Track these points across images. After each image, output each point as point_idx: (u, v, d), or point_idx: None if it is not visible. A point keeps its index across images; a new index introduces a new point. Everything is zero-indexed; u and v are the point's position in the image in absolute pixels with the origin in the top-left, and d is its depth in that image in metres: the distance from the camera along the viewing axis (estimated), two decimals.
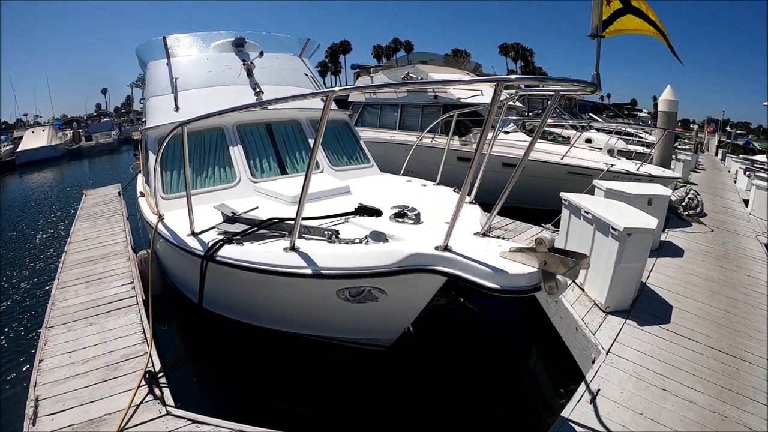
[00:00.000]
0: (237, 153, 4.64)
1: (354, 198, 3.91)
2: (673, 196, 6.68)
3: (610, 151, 8.63)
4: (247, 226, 3.05)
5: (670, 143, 9.13)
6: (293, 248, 2.63)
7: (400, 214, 3.10)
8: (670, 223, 6.58)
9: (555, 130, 11.46)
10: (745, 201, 9.27)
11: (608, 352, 3.39)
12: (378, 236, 2.64)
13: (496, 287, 2.00)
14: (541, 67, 75.69)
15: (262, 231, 3.00)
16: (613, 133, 10.76)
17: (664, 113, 8.52)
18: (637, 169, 7.07)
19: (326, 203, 3.68)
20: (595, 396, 2.91)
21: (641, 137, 13.40)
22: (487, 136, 2.06)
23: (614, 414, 2.76)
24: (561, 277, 1.89)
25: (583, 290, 4.29)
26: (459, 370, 3.87)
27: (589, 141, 11.24)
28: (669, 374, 3.16)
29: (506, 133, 8.73)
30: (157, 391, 2.81)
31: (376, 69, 13.15)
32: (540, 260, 1.93)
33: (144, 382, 2.86)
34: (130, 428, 2.56)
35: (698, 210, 7.31)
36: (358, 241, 2.66)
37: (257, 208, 3.60)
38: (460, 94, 9.41)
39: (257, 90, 5.15)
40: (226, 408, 3.32)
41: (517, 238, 6.07)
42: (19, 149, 25.14)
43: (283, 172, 4.80)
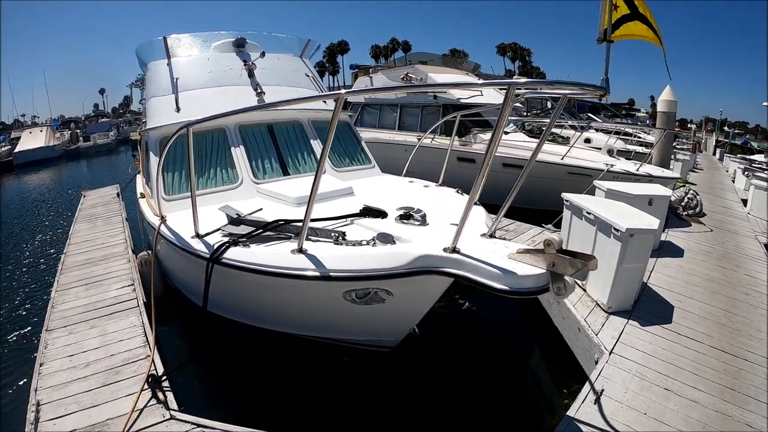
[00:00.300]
0: (239, 154, 4.62)
1: (357, 199, 3.90)
2: (672, 196, 6.69)
3: (610, 152, 8.65)
4: (252, 228, 3.03)
5: (669, 143, 9.15)
6: (301, 250, 2.62)
7: (405, 216, 3.10)
8: (670, 223, 6.60)
9: (554, 130, 11.46)
10: (744, 201, 9.31)
11: (611, 352, 3.40)
12: (385, 238, 2.64)
13: (505, 288, 2.01)
14: (538, 66, 75.86)
15: (267, 233, 2.99)
16: (612, 133, 10.78)
17: (663, 113, 8.53)
18: (637, 170, 7.08)
19: (330, 204, 3.67)
20: (599, 396, 2.91)
21: (640, 137, 13.42)
22: (498, 138, 2.06)
23: (618, 414, 2.77)
24: (569, 278, 1.90)
25: (585, 291, 4.29)
26: (461, 370, 3.87)
27: (588, 141, 11.25)
28: (672, 374, 3.17)
29: (506, 133, 8.72)
30: (161, 395, 2.80)
31: (375, 69, 13.15)
32: (548, 261, 1.93)
33: (147, 386, 2.84)
34: None
35: (697, 210, 7.34)
36: (365, 242, 2.65)
37: (261, 209, 3.58)
38: (460, 95, 9.41)
39: (258, 91, 5.13)
40: (229, 411, 3.32)
41: (518, 238, 6.08)
42: (16, 150, 25.05)
43: (285, 173, 4.79)
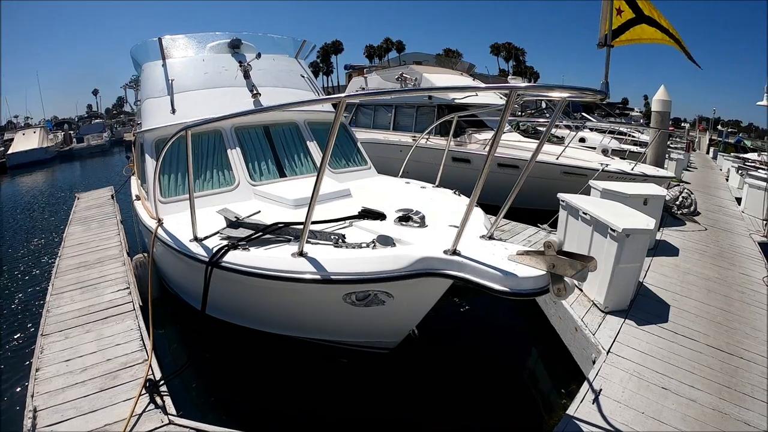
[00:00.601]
0: (235, 156, 4.60)
1: (355, 201, 3.89)
2: (667, 196, 6.73)
3: (605, 151, 8.68)
4: (251, 231, 3.01)
5: (663, 143, 9.21)
6: (301, 253, 2.61)
7: (404, 218, 3.10)
8: (665, 222, 6.64)
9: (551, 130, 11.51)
10: (738, 199, 9.37)
11: (608, 351, 3.42)
12: (385, 240, 2.64)
13: (505, 290, 2.03)
14: (532, 66, 76.23)
15: (266, 236, 2.98)
16: (607, 132, 10.84)
17: (657, 113, 8.58)
18: (632, 169, 7.12)
19: (327, 206, 3.66)
20: (597, 396, 2.93)
21: (634, 136, 13.51)
22: (499, 141, 2.07)
23: (617, 413, 2.78)
24: (569, 280, 1.91)
25: (582, 291, 4.31)
26: (457, 371, 3.88)
27: (582, 140, 11.31)
28: (669, 373, 3.19)
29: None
30: (159, 400, 2.77)
31: (369, 69, 13.11)
32: (548, 263, 1.95)
33: (145, 391, 2.82)
34: None
35: (692, 209, 7.39)
36: (365, 245, 2.65)
37: (259, 212, 3.57)
38: (455, 95, 9.42)
39: (254, 92, 5.11)
40: (228, 415, 3.31)
41: (514, 238, 6.09)
42: (10, 151, 24.81)
43: (282, 175, 4.77)
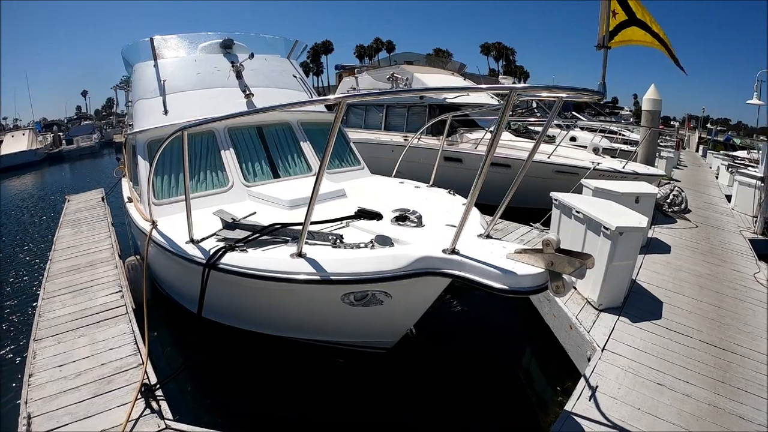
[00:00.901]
0: (229, 157, 4.57)
1: (350, 201, 3.89)
2: (658, 194, 6.81)
3: (595, 150, 8.76)
4: (248, 233, 2.99)
5: (654, 141, 9.32)
6: (300, 254, 2.60)
7: (401, 218, 3.10)
8: (656, 220, 6.71)
9: (540, 129, 11.59)
10: (728, 197, 9.51)
11: (603, 349, 3.44)
12: (384, 240, 2.64)
13: (504, 288, 2.05)
14: (522, 65, 76.69)
15: (263, 237, 2.96)
16: (598, 131, 10.93)
17: (648, 112, 8.68)
18: (623, 167, 7.19)
19: (323, 207, 3.65)
20: (594, 392, 2.95)
21: (624, 135, 13.65)
22: (498, 141, 2.08)
23: (613, 409, 2.81)
24: (567, 277, 1.93)
25: (576, 289, 4.34)
26: (454, 370, 3.88)
27: (573, 139, 11.40)
28: (664, 369, 3.22)
29: (491, 132, 8.76)
30: (155, 404, 2.74)
31: (360, 69, 13.10)
32: (547, 261, 1.97)
33: (141, 395, 2.79)
34: None
35: (683, 206, 7.48)
36: (363, 245, 2.65)
37: (255, 213, 3.55)
38: (446, 95, 9.44)
39: (247, 92, 5.09)
40: (225, 418, 3.28)
41: (507, 237, 6.12)
42: None
43: (276, 175, 4.75)
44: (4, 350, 4.57)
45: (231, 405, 3.47)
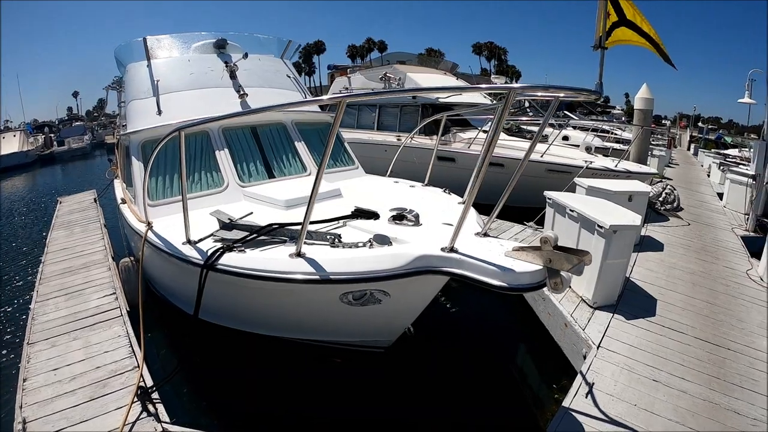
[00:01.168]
0: (223, 157, 4.55)
1: (346, 201, 3.88)
2: (650, 192, 6.87)
3: (588, 149, 8.84)
4: (245, 233, 2.97)
5: (646, 140, 9.40)
6: (299, 254, 2.59)
7: (399, 217, 3.10)
8: (649, 218, 6.77)
9: (533, 128, 11.64)
10: (719, 194, 9.61)
11: (599, 346, 3.47)
12: (382, 239, 2.64)
13: (503, 285, 2.07)
14: (514, 65, 77.02)
15: (260, 237, 2.95)
16: (590, 130, 11.01)
17: (640, 111, 8.77)
18: (615, 166, 7.25)
19: (320, 207, 3.64)
20: (590, 389, 2.97)
21: (617, 134, 13.76)
22: (496, 141, 2.10)
23: (610, 406, 2.83)
24: (565, 273, 1.95)
25: (570, 287, 4.36)
26: (450, 368, 3.90)
27: (566, 138, 11.47)
28: (659, 365, 3.25)
29: (485, 132, 8.81)
30: (151, 407, 2.72)
31: (352, 69, 13.10)
32: (545, 258, 1.99)
33: (137, 398, 2.76)
34: None
35: (675, 204, 7.55)
36: (362, 244, 2.65)
37: (252, 213, 3.54)
38: (439, 94, 9.46)
39: (241, 92, 5.06)
40: (222, 419, 3.27)
41: (501, 236, 6.13)
42: None
43: (271, 175, 4.73)
44: None
45: (228, 406, 3.45)
